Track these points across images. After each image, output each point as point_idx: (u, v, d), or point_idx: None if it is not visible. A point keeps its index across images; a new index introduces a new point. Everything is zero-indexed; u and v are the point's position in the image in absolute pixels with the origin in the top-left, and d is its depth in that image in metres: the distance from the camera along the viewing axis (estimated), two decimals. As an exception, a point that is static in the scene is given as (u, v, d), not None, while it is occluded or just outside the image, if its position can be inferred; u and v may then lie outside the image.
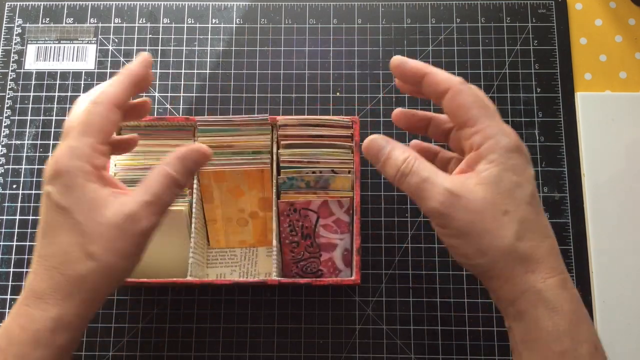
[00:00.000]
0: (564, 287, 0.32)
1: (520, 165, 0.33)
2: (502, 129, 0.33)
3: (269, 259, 0.50)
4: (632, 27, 0.56)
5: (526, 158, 0.33)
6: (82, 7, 0.56)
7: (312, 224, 0.47)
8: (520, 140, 0.33)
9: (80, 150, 0.33)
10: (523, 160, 0.33)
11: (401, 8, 0.56)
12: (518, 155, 0.33)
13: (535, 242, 0.32)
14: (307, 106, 0.54)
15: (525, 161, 0.33)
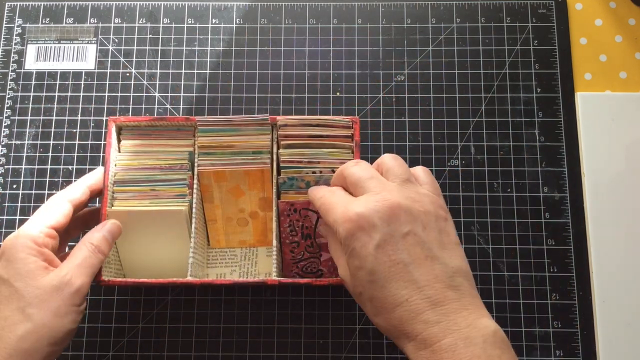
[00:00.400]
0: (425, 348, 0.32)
1: (357, 246, 0.34)
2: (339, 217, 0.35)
3: (269, 259, 0.50)
4: (632, 27, 0.56)
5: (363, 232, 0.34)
6: (82, 7, 0.56)
7: (312, 224, 0.47)
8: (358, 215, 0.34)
9: (29, 230, 0.39)
10: (359, 238, 0.34)
11: (401, 8, 0.56)
12: (354, 238, 0.34)
13: (386, 315, 0.34)
14: (307, 106, 0.54)
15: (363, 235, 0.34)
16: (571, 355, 0.48)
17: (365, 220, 0.34)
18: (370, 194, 0.35)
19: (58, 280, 0.37)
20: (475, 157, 0.52)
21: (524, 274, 0.50)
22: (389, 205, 0.34)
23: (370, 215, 0.34)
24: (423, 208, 0.35)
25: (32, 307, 0.36)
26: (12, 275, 0.37)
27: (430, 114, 0.53)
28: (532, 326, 0.49)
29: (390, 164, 0.38)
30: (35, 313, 0.36)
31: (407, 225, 0.34)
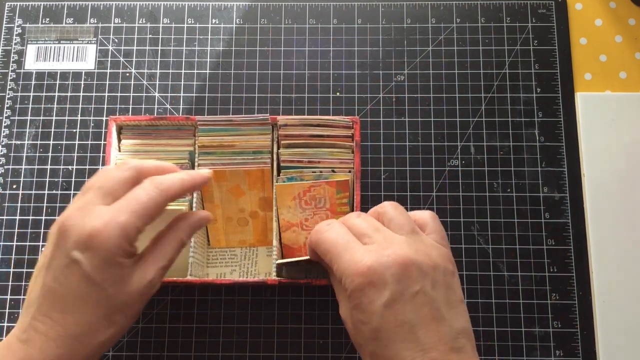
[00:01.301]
0: None
1: (364, 301, 0.33)
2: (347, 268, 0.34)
3: (269, 259, 0.50)
4: (632, 27, 0.56)
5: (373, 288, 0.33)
6: (82, 7, 0.56)
7: None
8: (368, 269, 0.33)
9: (129, 231, 0.33)
10: (368, 294, 0.33)
11: (401, 8, 0.56)
12: (362, 293, 0.33)
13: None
14: (307, 106, 0.54)
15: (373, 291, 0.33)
16: (571, 355, 0.48)
17: (376, 275, 0.33)
18: (378, 245, 0.34)
19: (144, 285, 0.34)
20: (475, 157, 0.52)
21: (524, 274, 0.50)
22: (401, 262, 0.33)
23: (382, 271, 0.33)
24: (432, 262, 0.34)
25: (118, 314, 0.34)
26: (105, 280, 0.33)
27: (430, 114, 0.53)
28: (532, 326, 0.49)
29: (392, 214, 0.37)
30: (120, 320, 0.34)
31: (418, 283, 0.33)
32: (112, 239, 0.33)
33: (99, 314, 0.33)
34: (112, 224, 0.33)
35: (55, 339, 0.32)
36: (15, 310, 0.49)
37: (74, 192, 0.51)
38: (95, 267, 0.32)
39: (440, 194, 0.52)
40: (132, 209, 0.34)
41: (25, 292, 0.49)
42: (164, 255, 0.36)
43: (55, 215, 0.51)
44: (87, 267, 0.32)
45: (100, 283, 0.33)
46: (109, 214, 0.33)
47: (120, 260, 0.33)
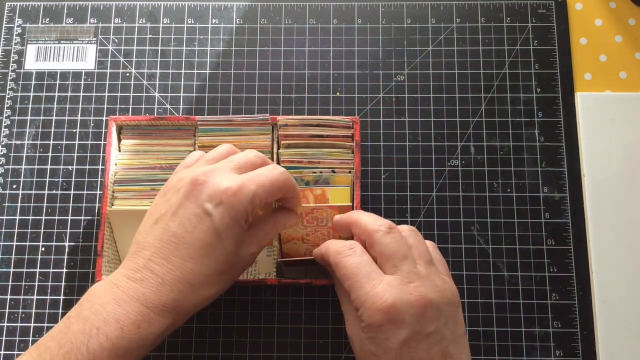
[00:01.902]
0: None
1: (381, 337, 0.34)
2: (367, 301, 0.34)
3: (269, 259, 0.50)
4: (632, 27, 0.56)
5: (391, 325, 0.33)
6: (82, 7, 0.56)
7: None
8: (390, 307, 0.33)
9: (256, 200, 0.36)
10: (386, 331, 0.34)
11: (401, 8, 0.56)
12: (379, 328, 0.34)
13: None
14: (307, 106, 0.54)
15: (391, 327, 0.33)
16: (571, 355, 0.48)
17: (396, 314, 0.33)
18: (402, 279, 0.35)
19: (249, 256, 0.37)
20: (475, 157, 0.52)
21: (524, 274, 0.50)
22: (422, 303, 0.34)
23: (403, 310, 0.33)
24: (447, 300, 0.35)
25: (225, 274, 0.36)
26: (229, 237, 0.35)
27: (430, 114, 0.53)
28: (532, 326, 0.49)
29: (413, 241, 0.38)
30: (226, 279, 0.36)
31: (434, 324, 0.34)
32: (243, 201, 0.35)
33: (215, 268, 0.35)
34: (245, 188, 0.35)
35: (171, 283, 0.34)
36: (16, 310, 0.49)
37: (74, 192, 0.51)
38: (224, 222, 0.34)
39: (440, 194, 0.52)
40: (261, 182, 0.36)
41: (25, 292, 0.49)
42: (266, 235, 0.39)
43: (56, 215, 0.51)
44: (217, 221, 0.34)
45: (225, 239, 0.35)
46: (242, 179, 0.36)
47: (244, 224, 0.36)
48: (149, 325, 0.33)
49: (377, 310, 0.34)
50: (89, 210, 0.51)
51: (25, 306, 0.49)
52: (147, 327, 0.33)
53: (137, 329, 0.33)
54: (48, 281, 0.50)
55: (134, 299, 0.34)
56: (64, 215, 0.51)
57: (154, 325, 0.33)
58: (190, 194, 0.35)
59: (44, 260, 0.50)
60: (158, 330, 0.34)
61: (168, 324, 0.34)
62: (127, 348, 0.33)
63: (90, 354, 0.32)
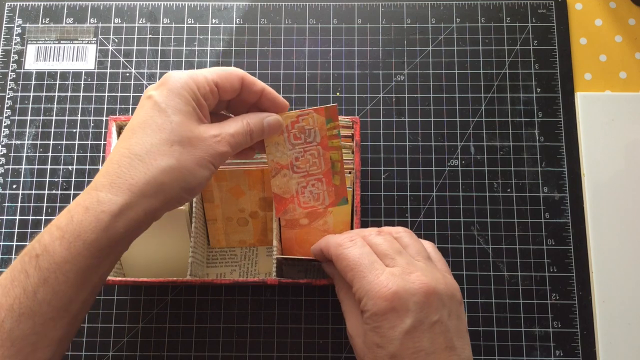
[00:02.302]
0: None
1: (385, 326, 0.34)
2: (370, 290, 0.34)
3: (269, 259, 0.50)
4: (632, 27, 0.56)
5: (395, 313, 0.33)
6: (82, 7, 0.56)
7: None
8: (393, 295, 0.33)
9: (197, 76, 0.37)
10: (390, 319, 0.33)
11: (401, 8, 0.56)
12: (383, 317, 0.34)
13: None
14: (307, 106, 0.54)
15: (395, 316, 0.33)
16: (571, 355, 0.48)
17: (400, 302, 0.33)
18: (403, 269, 0.35)
19: (209, 136, 0.36)
20: (475, 157, 0.52)
21: (524, 274, 0.50)
22: (425, 291, 0.34)
23: (407, 298, 0.33)
24: (450, 293, 0.35)
25: (180, 145, 0.35)
26: (171, 107, 0.35)
27: (430, 114, 0.53)
28: (532, 326, 0.49)
29: (408, 240, 0.38)
30: (181, 152, 0.35)
31: (437, 313, 0.34)
32: (180, 76, 0.36)
33: (160, 137, 0.35)
34: (186, 72, 0.37)
35: (118, 160, 0.34)
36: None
37: (74, 192, 0.52)
38: (163, 95, 0.36)
39: (440, 194, 0.52)
40: (208, 69, 0.38)
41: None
42: (230, 126, 0.38)
43: (55, 215, 0.51)
44: (157, 97, 0.36)
45: (165, 109, 0.35)
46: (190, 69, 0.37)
47: (186, 95, 0.36)
48: (98, 204, 0.33)
49: (381, 298, 0.34)
50: (89, 210, 0.51)
51: (25, 306, 0.49)
52: (96, 206, 0.33)
53: (85, 210, 0.33)
54: (48, 281, 0.50)
55: (88, 188, 0.34)
56: (64, 215, 0.51)
57: (104, 203, 0.33)
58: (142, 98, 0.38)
59: (44, 260, 0.50)
60: (109, 208, 0.33)
61: (121, 202, 0.33)
62: (77, 232, 0.32)
63: (42, 245, 0.32)
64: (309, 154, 0.43)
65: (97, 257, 0.33)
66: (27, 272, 0.32)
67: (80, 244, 0.32)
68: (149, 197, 0.34)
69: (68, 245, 0.32)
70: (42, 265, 0.32)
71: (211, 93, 0.37)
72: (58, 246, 0.32)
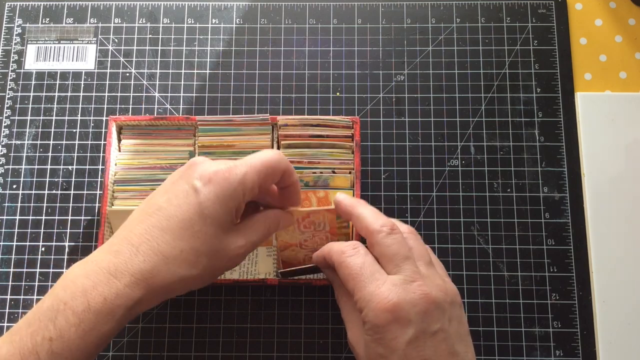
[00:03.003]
0: None
1: (387, 337, 0.34)
2: (371, 301, 0.34)
3: (269, 259, 0.50)
4: (632, 27, 0.56)
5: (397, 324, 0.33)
6: (82, 7, 0.56)
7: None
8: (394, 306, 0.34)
9: (247, 181, 0.36)
10: (392, 330, 0.33)
11: (401, 8, 0.56)
12: (384, 328, 0.34)
13: None
14: (307, 106, 0.54)
15: (397, 327, 0.33)
16: (571, 355, 0.48)
17: (401, 313, 0.34)
18: (405, 278, 0.35)
19: (235, 248, 0.36)
20: (475, 157, 0.52)
21: (524, 274, 0.50)
22: (426, 301, 0.34)
23: (408, 309, 0.34)
24: (450, 299, 0.36)
25: (205, 257, 0.35)
26: (212, 216, 0.34)
27: (430, 114, 0.53)
28: (532, 326, 0.49)
29: (412, 242, 0.38)
30: (204, 264, 0.35)
31: (438, 322, 0.34)
32: (232, 181, 0.35)
33: (193, 245, 0.34)
34: (235, 169, 0.36)
35: (144, 253, 0.34)
36: (15, 310, 0.49)
37: (74, 192, 0.51)
38: (210, 200, 0.34)
39: (440, 194, 0.52)
40: (253, 164, 0.36)
41: (25, 292, 0.49)
42: (257, 232, 0.38)
43: (55, 215, 0.51)
44: (203, 197, 0.34)
45: (207, 216, 0.34)
46: (234, 163, 0.36)
47: (231, 206, 0.35)
48: (116, 297, 0.32)
49: (382, 310, 0.34)
50: (89, 210, 0.51)
51: (25, 306, 0.49)
52: (113, 298, 0.32)
53: (103, 300, 0.32)
54: (48, 281, 0.50)
55: (104, 270, 0.33)
56: (64, 215, 0.51)
57: (122, 297, 0.33)
58: (184, 175, 0.36)
59: (44, 260, 0.50)
60: (126, 302, 0.33)
61: (137, 297, 0.33)
62: (94, 322, 0.32)
63: (57, 330, 0.32)
64: (317, 237, 0.45)
65: (105, 341, 0.33)
66: (38, 355, 0.32)
67: (95, 334, 0.32)
68: (160, 297, 0.35)
69: (83, 334, 0.32)
70: (56, 350, 0.32)
71: (254, 195, 0.37)
72: (74, 334, 0.32)
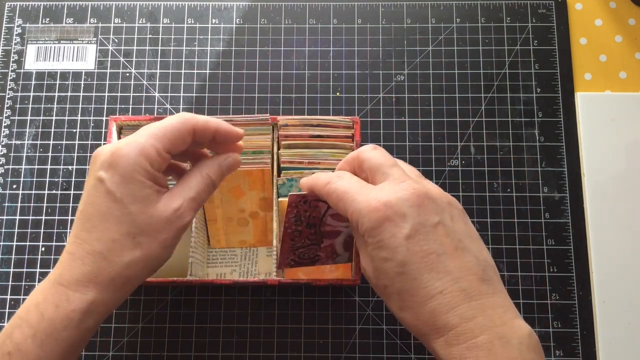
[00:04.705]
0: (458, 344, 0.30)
1: (385, 237, 0.32)
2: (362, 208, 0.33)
3: (269, 259, 0.50)
4: (632, 27, 0.56)
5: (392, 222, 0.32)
6: (82, 7, 0.56)
7: (321, 214, 0.46)
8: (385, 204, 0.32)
9: (147, 149, 0.34)
10: (387, 228, 0.32)
11: (401, 8, 0.56)
12: (381, 229, 0.32)
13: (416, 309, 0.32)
14: (307, 106, 0.54)
15: (392, 224, 0.32)
16: (571, 355, 0.48)
17: (393, 209, 0.32)
18: (393, 181, 0.34)
19: (171, 212, 0.35)
20: (475, 157, 0.52)
21: (524, 274, 0.50)
22: (418, 194, 0.32)
23: (400, 205, 0.32)
24: (447, 199, 0.34)
25: (142, 236, 0.34)
26: (126, 196, 0.34)
27: (430, 114, 0.53)
28: (532, 326, 0.49)
29: (401, 162, 0.37)
30: (145, 242, 0.34)
31: (436, 215, 0.32)
32: (130, 156, 0.34)
33: (121, 231, 0.34)
34: (131, 144, 0.34)
35: (81, 257, 0.34)
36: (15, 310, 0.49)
37: (74, 192, 0.51)
38: (116, 182, 0.34)
39: (440, 194, 0.51)
40: (151, 132, 0.35)
41: (25, 292, 0.49)
42: (191, 187, 0.36)
43: (55, 215, 0.51)
44: (109, 183, 0.34)
45: (121, 199, 0.34)
46: (130, 137, 0.35)
47: (140, 179, 0.34)
48: (68, 303, 0.33)
49: (373, 211, 0.32)
50: (89, 210, 0.51)
51: (25, 306, 0.49)
52: (65, 305, 0.33)
53: (55, 308, 0.33)
54: (48, 281, 0.50)
55: (51, 282, 0.34)
56: (64, 215, 0.51)
57: (73, 302, 0.33)
58: (90, 169, 0.35)
59: (44, 260, 0.50)
60: (79, 306, 0.33)
61: (89, 299, 0.33)
62: (50, 330, 0.32)
63: (14, 343, 0.32)
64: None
65: (69, 351, 0.33)
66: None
67: (53, 342, 0.33)
68: (117, 291, 0.34)
69: (41, 343, 0.32)
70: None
71: (164, 161, 0.36)
72: (31, 344, 0.32)
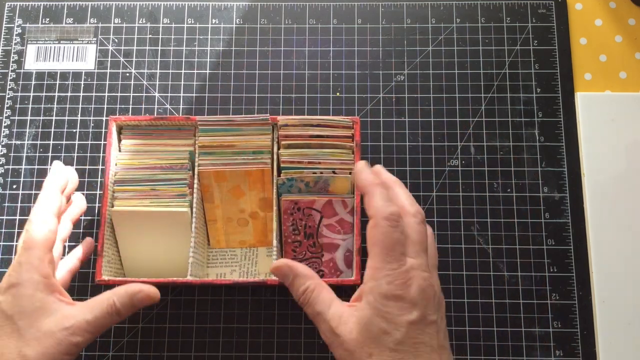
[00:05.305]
0: None
1: (394, 312, 0.34)
2: (388, 274, 0.35)
3: (269, 259, 0.50)
4: (632, 27, 0.56)
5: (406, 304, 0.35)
6: (82, 7, 0.56)
7: (316, 223, 0.47)
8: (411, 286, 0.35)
9: (29, 263, 0.38)
10: (400, 307, 0.35)
11: (401, 8, 0.56)
12: (394, 302, 0.35)
13: None
14: (307, 106, 0.54)
15: (405, 306, 0.34)
16: (571, 355, 0.48)
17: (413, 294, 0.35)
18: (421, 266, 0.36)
19: (62, 330, 0.37)
20: (475, 157, 0.52)
21: (524, 274, 0.50)
22: (432, 291, 0.36)
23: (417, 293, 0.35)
24: (442, 296, 0.37)
25: (29, 348, 0.36)
26: (15, 312, 0.37)
27: (430, 114, 0.53)
28: (532, 326, 0.49)
29: (430, 239, 0.39)
30: (30, 355, 0.36)
31: (435, 314, 0.35)
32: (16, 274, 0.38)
33: (9, 345, 0.36)
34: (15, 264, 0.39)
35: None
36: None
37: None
38: (8, 302, 0.37)
39: (440, 194, 0.52)
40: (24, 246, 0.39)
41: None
42: (91, 310, 0.38)
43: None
44: (4, 305, 0.37)
45: (12, 316, 0.37)
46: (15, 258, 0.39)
47: (31, 293, 0.37)
48: None
49: (401, 285, 0.35)
50: (89, 210, 0.51)
51: (25, 306, 0.49)
52: None
53: None
54: (48, 281, 0.50)
55: None
56: (64, 215, 0.51)
57: None
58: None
59: (44, 260, 0.50)
60: None
61: None
62: None
63: None
64: None
65: None
66: None
67: None
68: None
69: None
70: None
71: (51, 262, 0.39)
72: None
